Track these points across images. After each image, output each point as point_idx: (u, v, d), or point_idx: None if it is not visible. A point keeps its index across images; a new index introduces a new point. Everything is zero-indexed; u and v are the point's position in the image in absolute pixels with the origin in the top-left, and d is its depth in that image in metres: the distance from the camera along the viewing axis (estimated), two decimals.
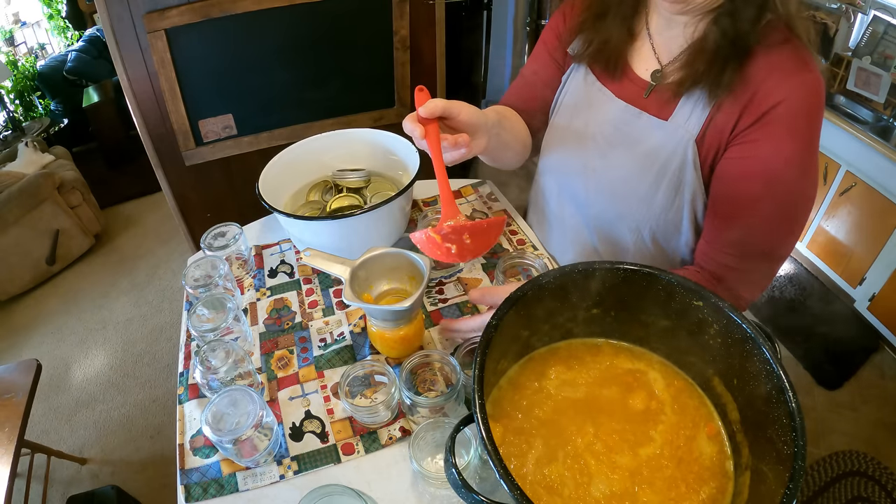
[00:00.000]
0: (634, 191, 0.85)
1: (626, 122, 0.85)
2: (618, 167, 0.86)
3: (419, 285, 0.77)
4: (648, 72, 0.83)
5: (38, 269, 2.67)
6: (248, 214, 1.18)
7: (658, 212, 0.85)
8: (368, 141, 1.13)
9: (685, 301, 0.63)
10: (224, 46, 1.74)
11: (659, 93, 0.82)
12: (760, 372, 0.57)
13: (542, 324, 0.68)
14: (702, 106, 0.76)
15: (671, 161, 0.80)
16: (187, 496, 0.72)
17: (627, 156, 0.85)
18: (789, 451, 0.51)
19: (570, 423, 0.64)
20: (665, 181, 0.82)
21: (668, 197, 0.83)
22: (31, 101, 3.79)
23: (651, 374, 0.69)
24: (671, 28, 0.80)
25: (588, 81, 0.90)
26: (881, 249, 2.00)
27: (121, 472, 1.91)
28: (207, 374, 0.77)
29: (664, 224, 0.86)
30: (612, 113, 0.86)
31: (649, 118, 0.82)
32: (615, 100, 0.86)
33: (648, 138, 0.82)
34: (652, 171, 0.82)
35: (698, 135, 0.77)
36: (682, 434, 0.63)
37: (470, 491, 0.53)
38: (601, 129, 0.88)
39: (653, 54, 0.83)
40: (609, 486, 0.59)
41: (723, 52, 0.72)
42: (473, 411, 0.53)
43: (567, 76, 0.93)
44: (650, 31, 0.83)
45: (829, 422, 1.85)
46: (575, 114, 0.92)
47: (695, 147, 0.78)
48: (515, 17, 2.77)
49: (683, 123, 0.78)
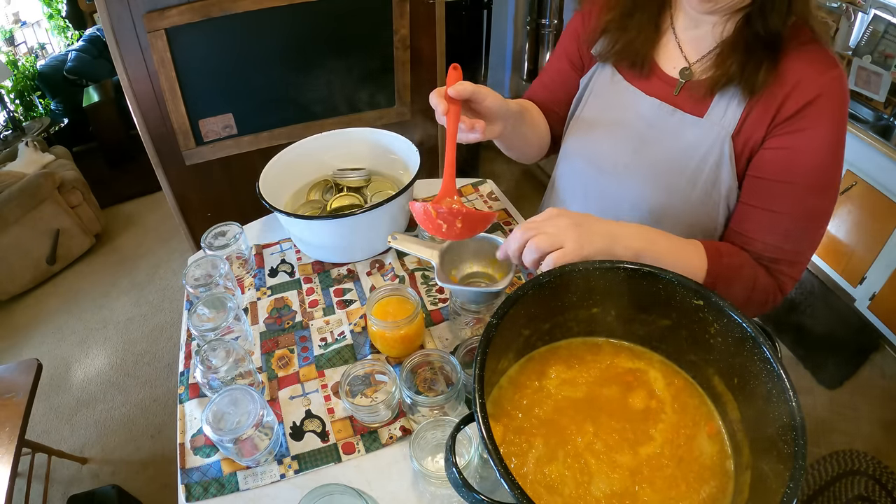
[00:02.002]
0: (670, 188, 0.85)
1: (659, 119, 0.85)
2: (652, 164, 0.86)
3: (500, 268, 0.82)
4: (676, 69, 0.84)
5: (39, 268, 2.67)
6: (248, 214, 1.18)
7: (694, 210, 0.85)
8: (369, 140, 1.13)
9: (685, 300, 0.63)
10: (224, 46, 1.74)
11: (690, 90, 0.83)
12: (761, 371, 0.57)
13: (543, 323, 0.68)
14: (737, 102, 0.78)
15: (708, 158, 0.81)
16: (188, 495, 0.72)
17: (662, 153, 0.85)
18: (790, 450, 0.51)
19: (570, 422, 0.64)
20: (702, 178, 0.82)
21: (705, 193, 0.83)
22: (31, 101, 3.78)
23: (651, 373, 0.69)
24: (698, 27, 0.81)
25: (615, 80, 0.90)
26: (881, 249, 2.00)
27: (121, 472, 1.91)
28: (208, 373, 0.77)
29: (698, 221, 0.86)
30: (643, 110, 0.87)
31: (683, 115, 0.83)
32: (645, 97, 0.86)
33: (684, 135, 0.83)
34: (689, 168, 0.83)
35: (734, 131, 0.78)
36: (683, 433, 0.63)
37: (470, 490, 0.53)
38: (632, 126, 0.88)
39: (679, 52, 0.84)
40: (609, 485, 0.59)
41: (756, 51, 0.74)
42: (474, 410, 0.53)
43: (591, 76, 0.94)
44: (675, 29, 0.84)
45: (830, 421, 1.85)
46: (602, 112, 0.93)
47: (731, 143, 0.79)
48: (515, 16, 2.77)
49: (719, 120, 0.79)
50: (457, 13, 2.48)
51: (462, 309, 0.83)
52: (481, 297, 0.80)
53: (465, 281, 0.88)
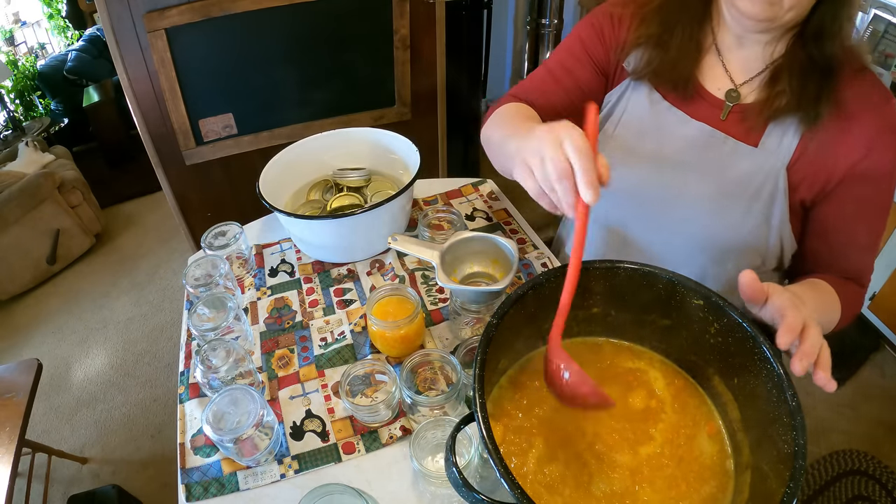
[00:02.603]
0: (722, 219, 0.80)
1: (710, 147, 0.79)
2: (703, 195, 0.81)
3: (501, 268, 0.81)
4: (721, 91, 0.78)
5: (39, 268, 2.67)
6: (248, 214, 1.18)
7: (745, 240, 0.80)
8: (369, 140, 1.13)
9: (685, 300, 0.63)
10: (224, 46, 1.74)
11: (740, 115, 0.77)
12: (761, 371, 0.57)
13: (543, 323, 0.68)
14: (793, 131, 0.73)
15: (763, 189, 0.76)
16: (188, 495, 0.72)
17: (714, 183, 0.79)
18: (790, 449, 0.51)
19: (570, 422, 0.64)
20: (756, 209, 0.78)
21: (757, 225, 0.78)
22: (31, 101, 3.78)
23: (651, 372, 0.69)
24: (744, 47, 0.75)
25: (653, 100, 0.83)
26: (882, 248, 2.00)
27: (122, 472, 1.91)
28: (208, 373, 0.77)
29: (749, 252, 0.82)
30: (689, 136, 0.80)
31: (736, 143, 0.77)
32: (691, 121, 0.80)
33: (737, 165, 0.77)
34: (742, 200, 0.78)
35: (790, 162, 0.74)
36: (683, 433, 0.63)
37: (470, 490, 0.53)
38: (678, 153, 0.81)
39: (724, 72, 0.78)
40: (609, 484, 0.59)
41: (812, 77, 0.69)
42: (474, 410, 0.53)
43: (622, 93, 0.86)
44: (719, 47, 0.78)
45: (830, 421, 1.85)
46: (640, 136, 0.85)
47: (786, 175, 0.75)
48: (515, 16, 2.77)
49: (775, 150, 0.75)
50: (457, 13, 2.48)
51: (462, 309, 0.83)
52: (481, 297, 0.80)
53: (466, 281, 0.88)
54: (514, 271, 0.79)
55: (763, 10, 0.66)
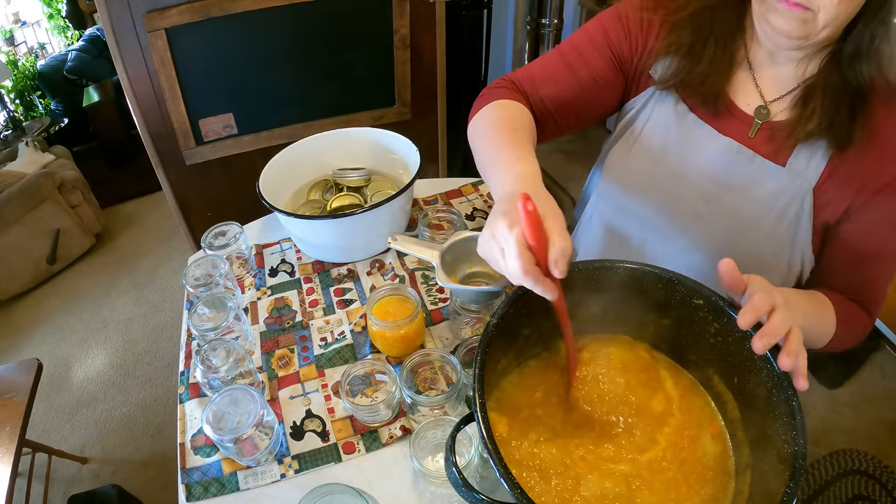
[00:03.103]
0: (744, 239, 0.78)
1: (737, 165, 0.76)
2: (727, 214, 0.79)
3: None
4: (751, 107, 0.75)
5: (39, 268, 2.67)
6: (248, 213, 1.18)
7: (767, 261, 0.78)
8: (369, 140, 1.12)
9: (685, 300, 0.63)
10: (224, 45, 1.74)
11: (769, 133, 0.74)
12: (761, 370, 0.57)
13: (543, 322, 0.68)
14: (821, 153, 0.71)
15: (787, 211, 0.74)
16: (188, 495, 0.72)
17: (739, 202, 0.77)
18: (790, 449, 0.51)
19: (573, 420, 0.64)
20: (780, 231, 0.76)
21: (781, 247, 0.77)
22: (31, 101, 3.78)
23: (661, 372, 0.68)
24: (776, 64, 0.73)
25: (679, 112, 0.80)
26: None
27: (122, 472, 1.91)
28: (208, 373, 0.77)
29: (770, 272, 0.79)
30: (716, 152, 0.77)
31: (764, 162, 0.74)
32: (720, 137, 0.77)
33: (763, 184, 0.75)
34: (767, 220, 0.76)
35: (816, 184, 0.72)
36: (687, 434, 0.63)
37: (470, 490, 0.53)
38: (703, 169, 0.79)
39: (755, 88, 0.75)
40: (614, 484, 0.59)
41: (844, 99, 0.67)
42: (474, 410, 0.53)
43: (647, 101, 0.83)
44: (751, 62, 0.75)
45: (830, 421, 1.85)
46: (665, 149, 0.82)
47: (812, 197, 0.72)
48: (515, 16, 2.77)
49: (802, 171, 0.72)
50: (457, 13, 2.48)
51: (462, 308, 0.83)
52: (481, 297, 0.80)
53: (466, 281, 0.88)
54: None
55: (796, 28, 0.63)
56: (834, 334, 0.73)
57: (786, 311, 0.54)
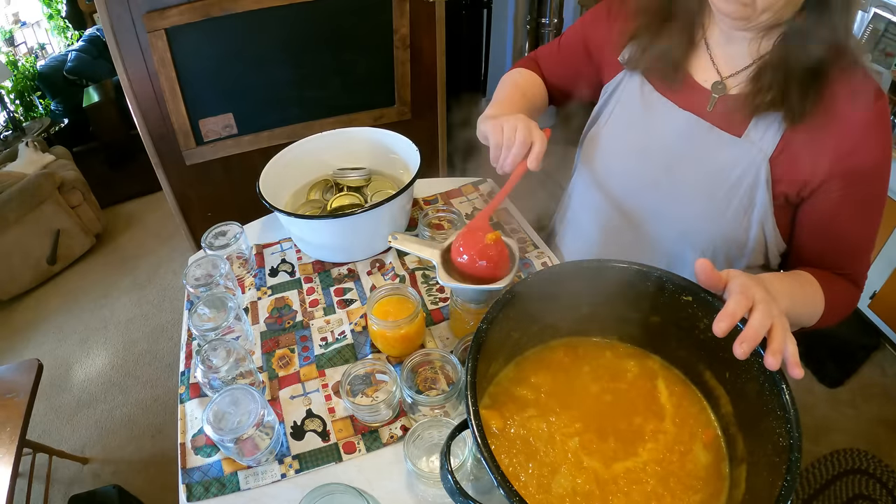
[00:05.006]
0: (703, 208, 0.82)
1: (694, 136, 0.81)
2: (685, 183, 0.83)
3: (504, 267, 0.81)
4: (708, 83, 0.81)
5: (39, 268, 2.67)
6: (248, 213, 1.18)
7: (725, 231, 0.82)
8: (369, 139, 1.12)
9: (674, 296, 0.63)
10: (224, 45, 1.74)
11: (725, 106, 0.79)
12: (752, 364, 0.56)
13: (532, 325, 0.68)
14: (777, 125, 0.74)
15: (743, 179, 0.78)
16: (189, 495, 0.72)
17: (696, 171, 0.82)
18: (785, 442, 0.51)
19: (568, 421, 0.64)
20: (736, 200, 0.79)
21: (737, 216, 0.80)
22: (31, 101, 3.78)
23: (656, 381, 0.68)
24: (731, 43, 0.78)
25: (644, 90, 0.86)
26: (882, 247, 2.00)
27: (122, 472, 1.91)
28: (209, 373, 0.77)
29: (730, 244, 0.83)
30: (676, 124, 0.83)
31: (720, 133, 0.79)
32: (679, 111, 0.83)
33: (719, 154, 0.79)
34: (723, 189, 0.80)
35: (772, 154, 0.75)
36: (686, 433, 0.63)
37: (466, 498, 0.53)
38: (664, 141, 0.84)
39: (712, 65, 0.81)
40: (613, 484, 0.59)
41: (796, 74, 0.70)
42: (467, 417, 0.52)
43: (616, 85, 0.91)
44: (708, 42, 0.81)
45: (830, 420, 1.85)
46: (630, 125, 0.89)
47: (768, 166, 0.76)
48: (515, 16, 2.77)
49: (757, 141, 0.76)
50: (457, 13, 2.48)
51: (463, 308, 0.83)
52: (482, 296, 0.80)
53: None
54: (515, 270, 0.79)
55: (736, 10, 0.69)
56: (824, 310, 0.75)
57: (765, 307, 0.55)
